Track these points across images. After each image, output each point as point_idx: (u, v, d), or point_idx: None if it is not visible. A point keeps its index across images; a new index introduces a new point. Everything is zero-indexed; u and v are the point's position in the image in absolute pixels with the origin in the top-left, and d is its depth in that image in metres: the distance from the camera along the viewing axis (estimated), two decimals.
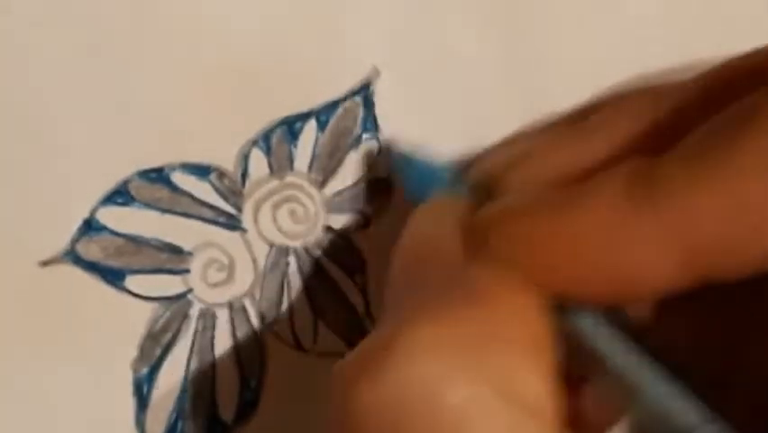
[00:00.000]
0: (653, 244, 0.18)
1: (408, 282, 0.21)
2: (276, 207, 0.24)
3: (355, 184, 0.25)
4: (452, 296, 0.19)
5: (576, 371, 0.20)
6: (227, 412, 0.25)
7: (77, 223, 0.23)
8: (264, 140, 0.24)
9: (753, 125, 0.17)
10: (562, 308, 0.20)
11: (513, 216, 0.20)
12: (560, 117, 0.24)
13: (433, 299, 0.19)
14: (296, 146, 0.24)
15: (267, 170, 0.24)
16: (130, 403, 0.24)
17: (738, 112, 0.18)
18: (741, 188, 0.17)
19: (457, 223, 0.21)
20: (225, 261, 0.24)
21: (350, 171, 0.25)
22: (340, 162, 0.25)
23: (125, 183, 0.23)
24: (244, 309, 0.25)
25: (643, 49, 0.25)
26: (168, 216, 0.24)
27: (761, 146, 0.17)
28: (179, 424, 0.24)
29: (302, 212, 0.25)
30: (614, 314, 0.20)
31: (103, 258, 0.23)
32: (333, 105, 0.24)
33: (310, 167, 0.24)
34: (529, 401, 0.18)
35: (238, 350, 0.25)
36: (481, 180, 0.23)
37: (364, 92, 0.24)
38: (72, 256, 0.23)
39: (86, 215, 0.23)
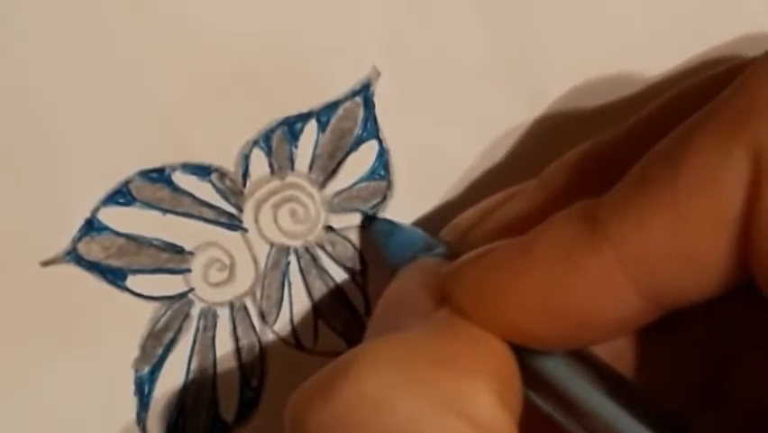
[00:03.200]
0: (612, 275, 0.18)
1: (379, 329, 0.21)
2: (276, 206, 0.24)
3: (355, 184, 0.25)
4: (414, 330, 0.20)
5: (551, 418, 0.20)
6: (228, 411, 0.25)
7: (78, 223, 0.23)
8: (265, 140, 0.24)
9: (689, 146, 0.18)
10: (530, 351, 0.20)
11: (463, 271, 0.20)
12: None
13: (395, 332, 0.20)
14: (296, 146, 0.24)
15: (267, 171, 0.24)
16: (131, 402, 0.24)
17: (674, 139, 0.19)
18: (683, 206, 0.18)
19: (428, 279, 0.21)
20: (226, 260, 0.24)
21: (350, 171, 0.25)
22: (340, 163, 0.25)
23: (126, 183, 0.23)
24: (245, 309, 0.25)
25: (644, 49, 0.25)
26: (169, 216, 0.24)
27: (697, 165, 0.18)
28: (180, 423, 0.24)
29: (302, 212, 0.25)
30: (585, 355, 0.20)
31: (104, 258, 0.23)
32: (334, 105, 0.24)
33: (311, 167, 0.24)
34: (484, 424, 0.18)
35: (239, 349, 0.25)
36: (453, 241, 0.23)
37: (364, 92, 0.24)
38: (74, 256, 0.23)
39: (87, 214, 0.23)
